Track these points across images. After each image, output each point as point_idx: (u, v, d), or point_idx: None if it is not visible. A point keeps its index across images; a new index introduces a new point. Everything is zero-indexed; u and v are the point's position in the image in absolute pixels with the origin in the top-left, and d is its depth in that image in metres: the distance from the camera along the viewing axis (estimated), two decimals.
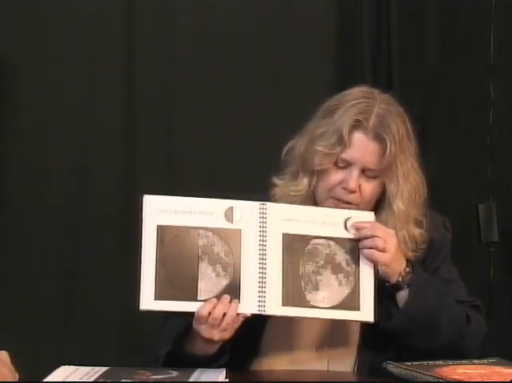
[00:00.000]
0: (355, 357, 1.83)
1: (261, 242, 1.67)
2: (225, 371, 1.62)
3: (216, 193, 1.71)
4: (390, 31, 2.97)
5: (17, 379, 1.41)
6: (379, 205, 1.83)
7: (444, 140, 3.03)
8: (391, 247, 1.72)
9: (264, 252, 1.67)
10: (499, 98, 3.02)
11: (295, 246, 1.69)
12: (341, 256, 1.71)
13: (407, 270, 1.75)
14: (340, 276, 1.70)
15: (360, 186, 1.78)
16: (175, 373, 1.59)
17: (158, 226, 1.66)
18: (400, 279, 1.74)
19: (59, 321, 2.82)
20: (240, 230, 1.67)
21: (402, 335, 1.76)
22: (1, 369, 1.38)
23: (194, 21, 2.91)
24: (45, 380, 1.53)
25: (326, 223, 1.71)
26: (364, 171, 1.79)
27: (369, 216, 1.75)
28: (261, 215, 1.68)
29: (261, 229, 1.68)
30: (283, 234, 1.69)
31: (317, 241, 1.70)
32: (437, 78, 3.03)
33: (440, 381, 1.54)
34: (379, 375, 1.70)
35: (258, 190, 1.88)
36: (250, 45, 2.93)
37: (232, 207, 1.68)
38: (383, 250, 1.71)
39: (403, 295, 1.75)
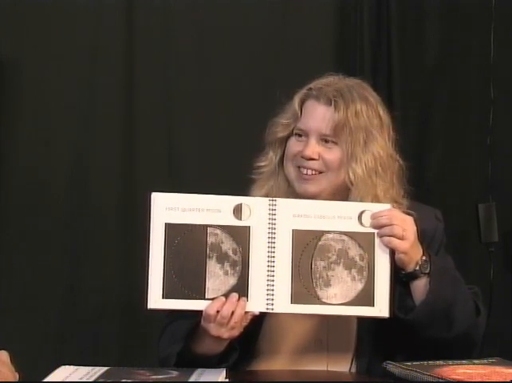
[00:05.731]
0: (353, 356, 1.83)
1: (271, 239, 1.66)
2: (225, 371, 1.62)
3: (216, 193, 1.70)
4: (390, 31, 2.97)
5: (17, 379, 1.41)
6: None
7: (444, 139, 3.03)
8: (410, 235, 1.69)
9: (273, 249, 1.66)
10: (499, 98, 3.02)
11: (305, 242, 1.67)
12: (355, 251, 1.68)
13: (424, 258, 1.73)
14: (354, 271, 1.68)
15: (321, 154, 1.81)
16: (175, 373, 1.59)
17: (166, 224, 1.65)
18: (418, 268, 1.72)
19: (59, 321, 2.82)
20: (249, 227, 1.66)
21: (420, 327, 1.73)
22: (1, 369, 1.38)
23: (194, 21, 2.91)
24: (45, 380, 1.53)
25: (339, 216, 1.69)
26: (322, 138, 1.81)
27: (385, 208, 1.72)
28: (271, 212, 1.67)
29: (271, 225, 1.67)
30: (293, 230, 1.67)
31: (329, 236, 1.68)
32: (437, 78, 3.03)
33: (440, 380, 1.54)
34: (378, 373, 1.69)
35: None
36: (250, 45, 2.93)
37: (241, 204, 1.67)
38: (401, 238, 1.68)
39: (419, 284, 1.73)
